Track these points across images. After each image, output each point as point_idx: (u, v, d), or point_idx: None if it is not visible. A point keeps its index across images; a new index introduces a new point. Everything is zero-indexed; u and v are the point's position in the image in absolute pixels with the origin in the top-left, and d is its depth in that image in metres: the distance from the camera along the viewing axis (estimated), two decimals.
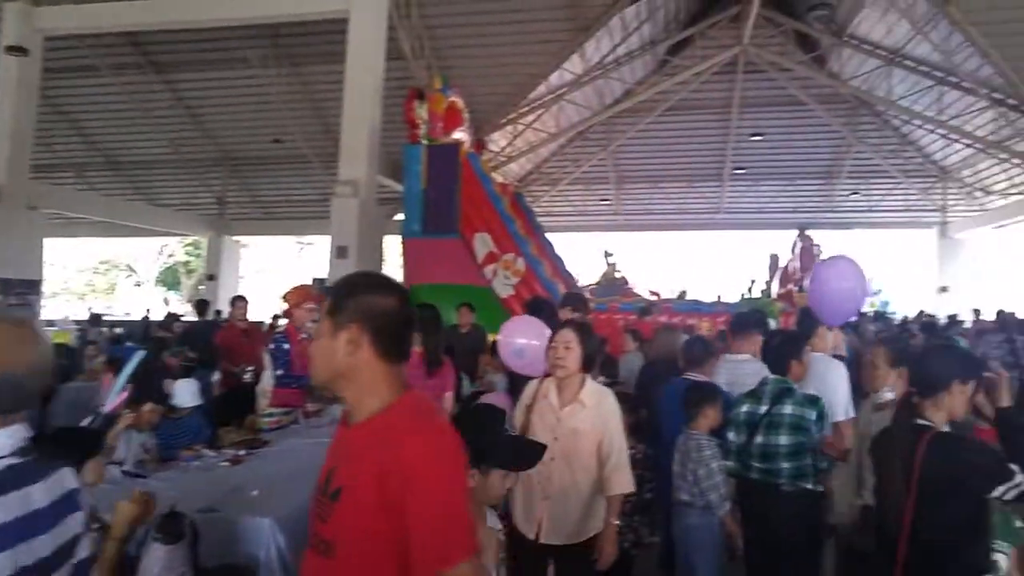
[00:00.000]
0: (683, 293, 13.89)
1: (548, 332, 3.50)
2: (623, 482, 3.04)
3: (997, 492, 2.27)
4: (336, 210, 11.32)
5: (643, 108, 17.50)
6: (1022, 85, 13.64)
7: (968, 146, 16.78)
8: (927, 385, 2.49)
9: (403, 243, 10.96)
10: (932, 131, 17.11)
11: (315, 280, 12.33)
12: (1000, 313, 12.03)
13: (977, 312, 13.80)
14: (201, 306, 10.91)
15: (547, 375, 3.23)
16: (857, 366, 4.33)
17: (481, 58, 14.60)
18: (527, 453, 2.21)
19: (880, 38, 15.52)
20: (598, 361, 4.83)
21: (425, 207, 10.66)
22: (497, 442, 2.11)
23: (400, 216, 11.89)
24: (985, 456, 2.37)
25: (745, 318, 4.69)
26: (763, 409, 3.51)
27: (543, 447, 2.29)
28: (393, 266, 17.47)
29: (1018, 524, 2.65)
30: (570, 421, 3.01)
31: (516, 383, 4.25)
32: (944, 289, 19.38)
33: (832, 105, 17.43)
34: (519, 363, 3.96)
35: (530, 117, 16.78)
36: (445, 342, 4.84)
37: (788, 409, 3.44)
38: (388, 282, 1.64)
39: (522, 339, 3.91)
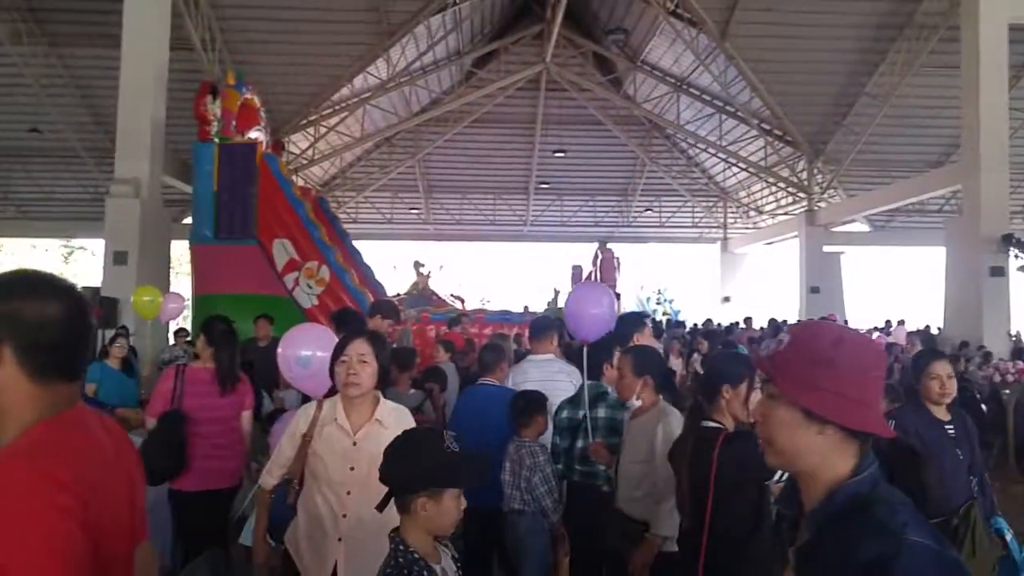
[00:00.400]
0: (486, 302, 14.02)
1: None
2: None
3: (776, 477, 2.47)
4: (112, 211, 10.23)
5: (450, 118, 17.55)
6: (785, 118, 15.45)
7: (744, 170, 18.71)
8: (705, 392, 2.68)
9: (192, 249, 9.98)
10: (714, 155, 18.88)
11: (85, 289, 10.82)
12: (772, 321, 13.40)
13: (748, 320, 15.33)
14: None
15: (328, 394, 2.81)
16: None
17: (279, 56, 13.81)
18: (477, 466, 1.98)
19: (669, 66, 16.87)
20: (412, 373, 4.57)
21: (218, 211, 9.78)
22: (445, 460, 1.87)
23: (189, 220, 10.89)
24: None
25: (543, 321, 4.83)
26: (582, 414, 3.60)
27: (488, 457, 2.03)
28: (182, 274, 15.99)
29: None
30: (369, 445, 2.57)
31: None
32: (727, 299, 21.43)
33: (628, 127, 18.62)
34: (300, 375, 3.62)
35: (333, 120, 16.18)
36: (242, 357, 4.36)
37: (602, 412, 3.56)
38: (47, 284, 1.31)
39: (306, 350, 3.56)
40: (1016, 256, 10.80)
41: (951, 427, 3.29)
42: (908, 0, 12.90)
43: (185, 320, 10.14)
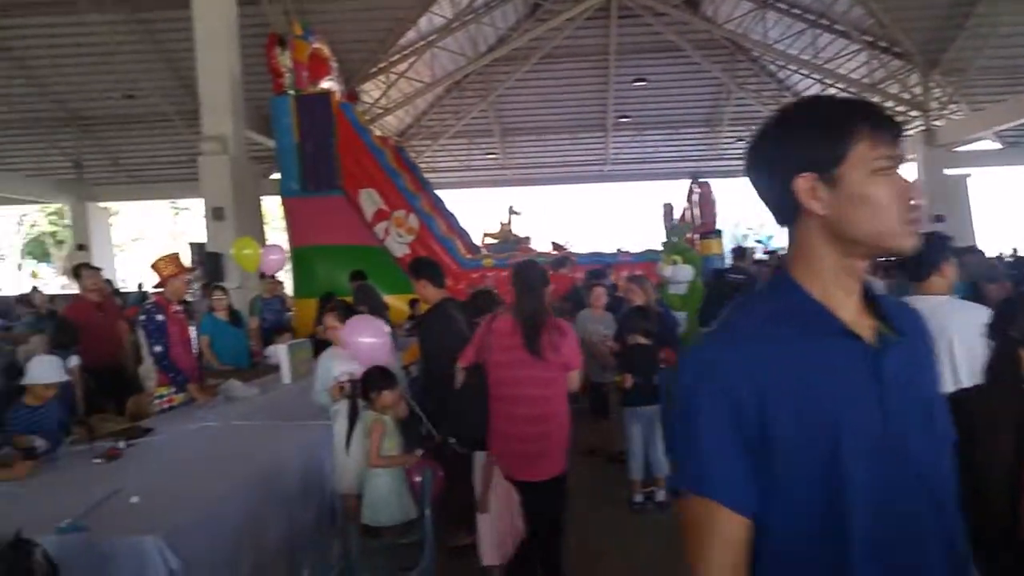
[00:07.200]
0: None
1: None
2: None
3: None
4: (205, 169, 10.47)
5: (518, 56, 16.66)
6: (892, 26, 14.01)
7: (843, 90, 17.12)
8: None
9: (283, 203, 10.03)
10: (808, 75, 17.43)
11: (192, 245, 11.19)
12: None
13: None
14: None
15: None
16: None
17: (342, 1, 13.49)
18: None
19: None
20: None
21: (302, 163, 9.75)
22: None
23: (277, 175, 10.91)
24: None
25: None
26: None
27: None
28: (278, 230, 16.23)
29: None
30: None
31: None
32: None
33: (709, 51, 17.35)
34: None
35: (402, 66, 15.81)
36: None
37: None
38: None
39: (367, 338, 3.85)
40: None
41: None
42: None
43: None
